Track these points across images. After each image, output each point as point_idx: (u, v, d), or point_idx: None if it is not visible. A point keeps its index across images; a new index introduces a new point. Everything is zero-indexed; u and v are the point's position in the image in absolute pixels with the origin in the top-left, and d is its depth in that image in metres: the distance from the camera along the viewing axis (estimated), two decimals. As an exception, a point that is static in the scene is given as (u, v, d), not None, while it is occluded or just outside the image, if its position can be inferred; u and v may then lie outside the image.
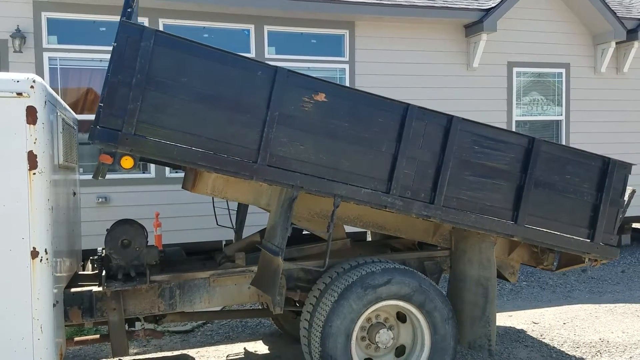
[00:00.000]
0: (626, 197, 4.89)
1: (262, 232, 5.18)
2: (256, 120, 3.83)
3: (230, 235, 7.00)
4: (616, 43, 9.64)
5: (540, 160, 4.53)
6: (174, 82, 3.67)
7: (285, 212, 4.00)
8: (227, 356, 5.51)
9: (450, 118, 4.29)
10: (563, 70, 9.74)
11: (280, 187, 4.11)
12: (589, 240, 4.77)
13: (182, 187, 4.89)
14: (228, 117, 3.79)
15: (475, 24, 8.89)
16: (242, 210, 5.81)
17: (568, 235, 4.71)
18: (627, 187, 4.89)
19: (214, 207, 5.93)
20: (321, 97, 3.97)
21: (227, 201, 5.81)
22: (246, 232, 5.67)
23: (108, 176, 7.64)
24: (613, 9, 9.67)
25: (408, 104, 4.19)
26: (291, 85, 3.89)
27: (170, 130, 3.67)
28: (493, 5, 8.91)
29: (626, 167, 4.83)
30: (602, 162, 4.77)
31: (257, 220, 6.11)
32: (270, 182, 3.94)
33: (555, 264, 5.55)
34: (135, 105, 3.57)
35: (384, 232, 5.01)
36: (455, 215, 4.33)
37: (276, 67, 3.88)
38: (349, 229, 5.27)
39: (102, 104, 3.55)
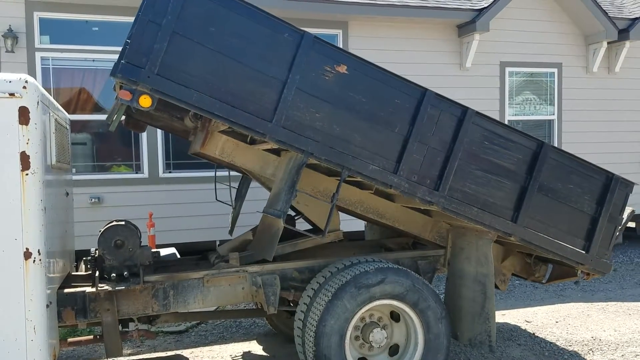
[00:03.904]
0: (625, 216, 4.90)
1: (254, 230, 5.19)
2: (276, 80, 3.88)
3: (225, 235, 6.99)
4: (608, 43, 9.70)
5: (547, 166, 4.55)
6: (202, 29, 3.73)
7: (292, 178, 4.03)
8: (221, 356, 5.50)
9: (465, 110, 4.33)
10: (555, 70, 9.80)
11: (289, 153, 4.15)
12: (584, 252, 4.79)
13: (190, 152, 4.91)
14: (250, 73, 3.84)
15: (468, 24, 8.93)
16: (243, 185, 5.81)
17: (564, 244, 4.71)
18: (627, 207, 4.92)
19: (215, 181, 6.00)
20: (343, 68, 4.02)
21: (229, 173, 5.84)
22: (238, 232, 5.67)
23: (101, 176, 7.69)
24: (605, 9, 9.73)
25: (426, 89, 4.23)
26: (315, 52, 3.95)
27: (192, 76, 3.72)
28: (486, 5, 8.95)
29: (628, 186, 4.85)
30: (605, 177, 4.78)
31: (249, 220, 6.10)
32: (281, 144, 3.95)
33: (546, 276, 5.58)
34: (161, 45, 3.62)
35: (383, 221, 5.04)
36: (457, 205, 4.35)
37: (304, 31, 3.94)
38: (345, 228, 5.26)
39: (129, 40, 3.60)
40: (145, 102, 3.65)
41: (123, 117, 5.01)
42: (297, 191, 4.02)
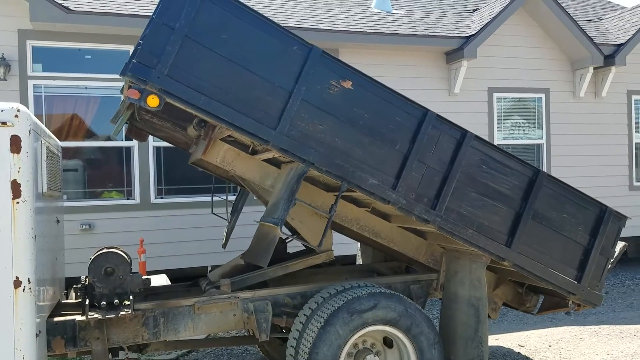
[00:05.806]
0: (617, 250, 4.93)
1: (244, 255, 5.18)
2: (283, 90, 3.97)
3: (216, 261, 6.97)
4: (594, 68, 9.88)
5: (542, 193, 4.59)
6: (214, 36, 3.83)
7: (292, 188, 4.05)
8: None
9: (464, 133, 4.40)
10: (543, 95, 9.95)
11: (290, 164, 4.19)
12: (576, 282, 4.79)
13: (190, 161, 4.87)
14: (257, 82, 3.93)
15: (456, 51, 9.08)
16: (240, 199, 5.82)
17: (557, 272, 4.72)
18: (619, 242, 4.95)
19: (212, 196, 6.08)
20: (348, 84, 4.12)
21: (226, 198, 5.86)
22: (231, 254, 5.65)
23: (92, 203, 7.66)
24: (590, 35, 9.94)
25: (427, 109, 4.31)
26: (322, 66, 4.06)
27: (201, 80, 3.80)
28: (473, 33, 9.12)
29: (621, 219, 4.88)
30: (599, 210, 4.82)
31: (240, 245, 6.09)
32: (283, 153, 3.99)
33: (537, 306, 5.57)
34: (173, 48, 3.71)
35: (378, 240, 5.05)
36: (453, 225, 4.37)
37: (312, 45, 4.07)
38: (336, 252, 5.26)
39: (141, 41, 3.68)
40: (152, 102, 3.71)
41: (125, 125, 5.05)
42: (296, 200, 4.05)
